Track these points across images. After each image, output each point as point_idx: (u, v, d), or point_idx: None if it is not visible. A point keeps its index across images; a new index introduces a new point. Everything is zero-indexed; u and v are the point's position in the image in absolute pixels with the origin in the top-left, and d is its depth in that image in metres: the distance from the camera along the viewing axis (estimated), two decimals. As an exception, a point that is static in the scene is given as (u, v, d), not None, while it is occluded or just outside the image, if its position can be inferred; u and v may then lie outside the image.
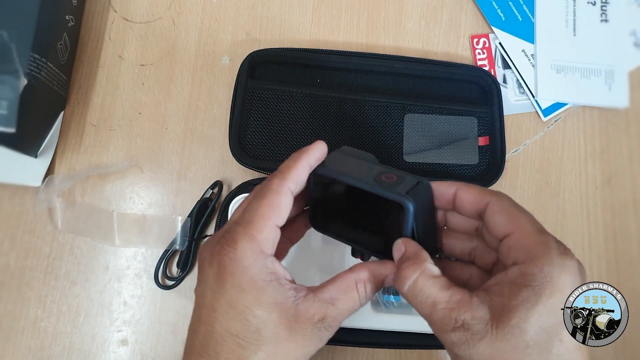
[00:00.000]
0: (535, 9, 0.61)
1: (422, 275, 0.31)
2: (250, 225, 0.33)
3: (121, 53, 0.57)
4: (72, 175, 0.53)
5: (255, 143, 0.54)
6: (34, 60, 0.45)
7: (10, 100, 0.44)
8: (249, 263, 0.32)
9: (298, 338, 0.31)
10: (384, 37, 0.60)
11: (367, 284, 0.34)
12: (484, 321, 0.28)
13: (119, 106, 0.56)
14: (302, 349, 0.32)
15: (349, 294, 0.33)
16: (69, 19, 0.53)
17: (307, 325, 0.32)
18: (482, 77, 0.58)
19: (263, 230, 0.32)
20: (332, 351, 0.53)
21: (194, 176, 0.55)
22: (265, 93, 0.54)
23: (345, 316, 0.33)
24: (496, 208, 0.32)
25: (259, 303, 0.31)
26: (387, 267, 0.34)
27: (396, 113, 0.55)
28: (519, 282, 0.29)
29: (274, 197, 0.33)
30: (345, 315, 0.33)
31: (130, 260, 0.53)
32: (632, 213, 0.58)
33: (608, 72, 0.60)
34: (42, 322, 0.51)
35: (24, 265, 0.52)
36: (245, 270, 0.32)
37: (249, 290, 0.31)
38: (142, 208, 0.54)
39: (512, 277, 0.29)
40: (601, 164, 0.59)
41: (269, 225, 0.33)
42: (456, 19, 0.61)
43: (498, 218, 0.32)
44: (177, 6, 0.58)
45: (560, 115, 0.60)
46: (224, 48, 0.58)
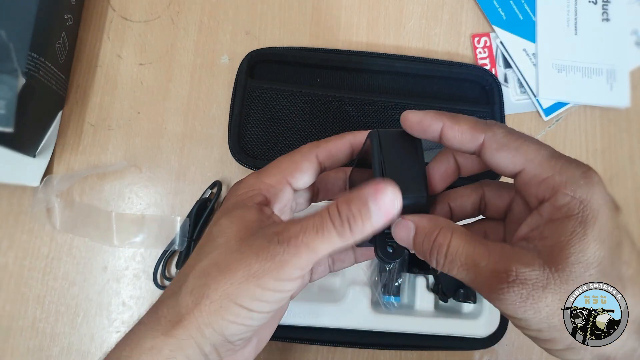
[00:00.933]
0: (536, 7, 0.61)
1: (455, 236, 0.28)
2: (263, 172, 0.33)
3: (120, 52, 0.57)
4: (70, 175, 0.53)
5: (254, 143, 0.54)
6: (32, 59, 0.45)
7: (9, 99, 0.43)
8: (243, 192, 0.32)
9: (245, 248, 0.29)
10: (385, 36, 0.60)
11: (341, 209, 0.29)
12: (539, 267, 0.25)
13: (118, 106, 0.56)
14: (245, 261, 0.28)
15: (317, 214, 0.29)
16: (67, 18, 0.53)
17: (257, 238, 0.29)
18: (483, 77, 0.57)
19: (271, 177, 0.33)
20: (332, 352, 0.53)
21: (193, 176, 0.55)
22: (265, 92, 0.54)
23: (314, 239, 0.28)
24: (494, 146, 0.29)
25: (227, 214, 0.31)
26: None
27: (396, 112, 0.55)
28: (557, 217, 0.26)
29: (296, 156, 0.34)
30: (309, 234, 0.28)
31: (129, 260, 0.53)
32: (633, 212, 0.58)
33: (609, 72, 0.60)
34: (40, 322, 0.51)
35: (22, 266, 0.52)
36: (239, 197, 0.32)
37: (229, 208, 0.32)
38: (140, 208, 0.54)
39: (547, 215, 0.27)
40: (602, 163, 0.59)
41: (279, 177, 0.33)
42: (457, 17, 0.61)
43: (500, 157, 0.29)
44: (176, 5, 0.58)
45: (561, 115, 0.60)
46: (223, 47, 0.58)
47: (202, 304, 0.28)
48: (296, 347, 0.52)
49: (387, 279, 0.49)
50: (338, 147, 0.34)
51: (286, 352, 0.52)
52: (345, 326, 0.49)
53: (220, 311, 0.28)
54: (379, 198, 0.27)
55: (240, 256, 0.28)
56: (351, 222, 0.27)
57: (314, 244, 0.28)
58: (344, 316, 0.48)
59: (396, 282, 0.49)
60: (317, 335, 0.49)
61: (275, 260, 0.28)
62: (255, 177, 0.33)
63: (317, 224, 0.28)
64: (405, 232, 0.30)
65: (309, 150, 0.34)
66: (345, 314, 0.48)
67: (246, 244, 0.29)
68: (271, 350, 0.52)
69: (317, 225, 0.28)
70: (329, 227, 0.28)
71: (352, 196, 0.28)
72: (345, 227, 0.27)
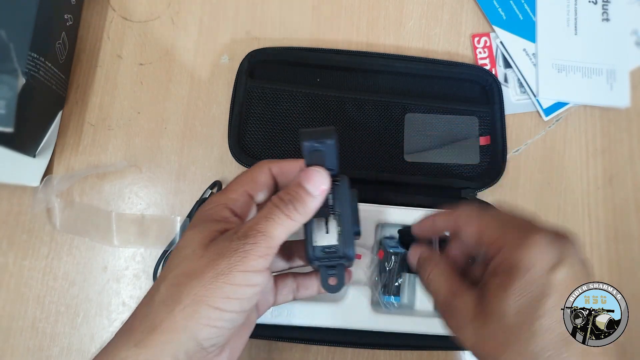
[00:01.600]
0: (536, 7, 0.61)
1: (436, 268, 0.36)
2: (226, 189, 0.37)
3: (120, 52, 0.57)
4: (70, 175, 0.53)
5: (254, 142, 0.54)
6: (32, 59, 0.45)
7: (9, 99, 0.43)
8: (209, 207, 0.35)
9: (210, 253, 0.31)
10: (385, 36, 0.60)
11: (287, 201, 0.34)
12: (469, 307, 0.32)
13: (118, 105, 0.56)
14: (212, 262, 0.31)
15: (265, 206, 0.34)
16: (67, 18, 0.53)
17: (220, 241, 0.32)
18: (483, 76, 0.57)
19: (233, 192, 0.36)
20: (332, 352, 0.53)
21: (193, 176, 0.55)
22: (265, 92, 0.54)
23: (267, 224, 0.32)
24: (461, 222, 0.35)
25: (194, 226, 0.34)
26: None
27: (397, 112, 0.55)
28: (494, 272, 0.31)
29: (254, 170, 0.37)
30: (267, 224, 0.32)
31: (129, 260, 0.53)
32: (633, 213, 0.58)
33: (609, 72, 0.60)
34: (40, 322, 0.51)
35: (22, 266, 0.52)
36: (205, 212, 0.35)
37: (195, 223, 0.34)
38: (140, 208, 0.54)
39: (491, 269, 0.32)
40: (602, 163, 0.59)
41: (240, 191, 0.36)
42: (457, 17, 0.61)
43: (466, 232, 0.35)
44: (176, 5, 0.58)
45: (561, 115, 0.60)
46: (223, 47, 0.58)
47: (176, 310, 0.30)
48: (296, 347, 0.52)
49: (387, 279, 0.49)
50: (291, 166, 0.38)
51: (286, 352, 0.52)
52: (345, 326, 0.48)
53: (194, 315, 0.30)
54: (310, 176, 0.34)
55: (206, 260, 0.31)
56: (294, 202, 0.33)
57: (269, 230, 0.32)
58: (344, 316, 0.48)
59: (396, 282, 0.49)
60: (317, 335, 0.49)
61: (238, 253, 0.31)
62: (220, 194, 0.36)
63: (266, 214, 0.32)
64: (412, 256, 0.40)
65: (263, 165, 0.38)
66: (345, 314, 0.48)
67: (211, 249, 0.32)
68: (271, 350, 0.52)
69: (267, 214, 0.32)
70: (277, 212, 0.32)
71: (289, 185, 0.34)
72: (290, 208, 0.33)
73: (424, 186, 0.54)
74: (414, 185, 0.54)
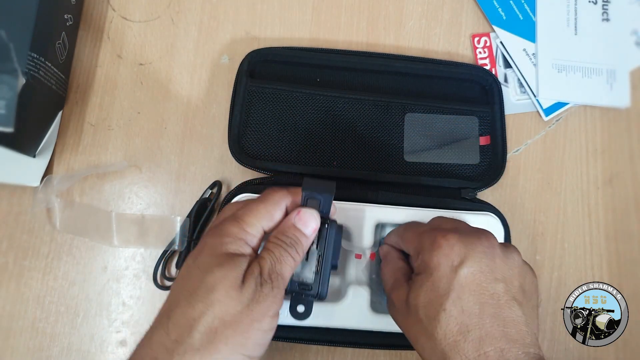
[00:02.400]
0: (536, 7, 0.61)
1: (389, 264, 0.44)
2: (243, 221, 0.38)
3: (120, 52, 0.57)
4: (70, 175, 0.53)
5: (254, 143, 0.54)
6: (32, 59, 0.45)
7: (9, 99, 0.43)
8: (229, 240, 0.36)
9: (244, 298, 0.34)
10: (385, 36, 0.60)
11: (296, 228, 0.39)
12: (401, 300, 0.39)
13: (118, 106, 0.56)
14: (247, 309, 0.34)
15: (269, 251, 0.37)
16: (67, 18, 0.53)
17: (249, 285, 0.34)
18: (483, 76, 0.57)
19: (252, 227, 0.38)
20: (332, 352, 0.53)
21: (193, 176, 0.55)
22: (265, 92, 0.54)
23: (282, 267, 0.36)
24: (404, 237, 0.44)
25: (221, 266, 0.35)
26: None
27: (396, 112, 0.55)
28: (417, 271, 0.39)
29: (270, 206, 0.39)
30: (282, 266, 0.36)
31: (129, 260, 0.53)
32: (633, 213, 0.58)
33: (609, 72, 0.60)
34: (40, 322, 0.51)
35: (22, 266, 0.52)
36: (227, 246, 0.36)
37: (219, 256, 0.36)
38: (140, 208, 0.54)
39: (415, 269, 0.39)
40: (602, 163, 0.59)
41: (258, 227, 0.38)
42: (457, 17, 0.61)
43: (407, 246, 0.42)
44: (176, 5, 0.58)
45: (561, 115, 0.60)
46: (223, 47, 0.58)
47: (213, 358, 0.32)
48: (296, 347, 0.52)
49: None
50: (299, 200, 0.41)
51: (286, 352, 0.52)
52: (345, 326, 0.48)
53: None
54: (306, 220, 0.39)
55: (241, 306, 0.34)
56: (296, 245, 0.38)
57: (283, 273, 0.36)
58: (344, 316, 0.48)
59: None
60: (317, 335, 0.49)
61: (269, 299, 0.35)
62: (238, 227, 0.37)
63: (279, 257, 0.37)
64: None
65: (281, 200, 0.40)
66: (345, 314, 0.48)
67: (245, 293, 0.34)
68: (271, 350, 0.52)
69: (279, 257, 0.37)
70: (286, 255, 0.37)
71: (283, 227, 0.39)
72: (293, 251, 0.37)
73: (424, 186, 0.54)
74: (414, 185, 0.54)
